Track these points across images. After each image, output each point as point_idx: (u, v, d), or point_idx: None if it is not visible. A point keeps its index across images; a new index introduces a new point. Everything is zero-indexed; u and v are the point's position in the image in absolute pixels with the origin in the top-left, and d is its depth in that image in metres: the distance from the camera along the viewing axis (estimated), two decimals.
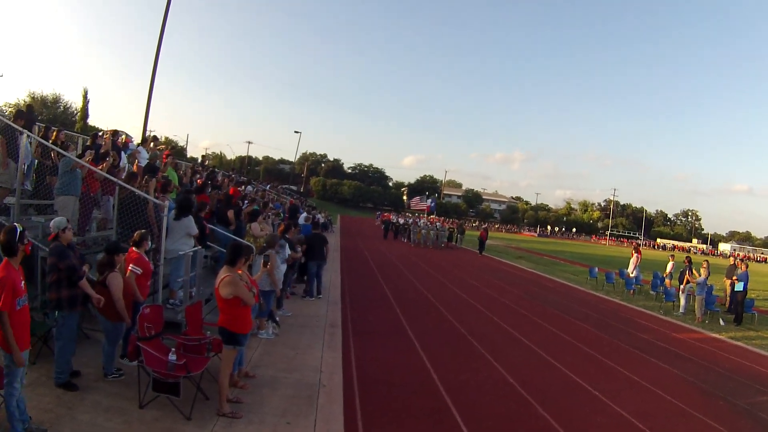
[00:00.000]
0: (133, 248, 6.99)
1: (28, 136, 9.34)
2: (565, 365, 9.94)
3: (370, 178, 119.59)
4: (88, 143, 11.47)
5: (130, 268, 6.74)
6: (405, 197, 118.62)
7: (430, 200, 59.00)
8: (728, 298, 18.40)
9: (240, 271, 6.19)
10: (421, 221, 45.93)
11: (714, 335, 14.49)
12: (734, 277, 17.70)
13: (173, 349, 6.11)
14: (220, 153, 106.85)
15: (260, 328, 9.42)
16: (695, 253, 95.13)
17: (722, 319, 16.60)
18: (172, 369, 5.76)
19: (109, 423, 5.45)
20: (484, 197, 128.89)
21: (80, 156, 9.38)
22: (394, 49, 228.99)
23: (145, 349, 5.86)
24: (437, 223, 45.95)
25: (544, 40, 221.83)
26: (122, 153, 12.10)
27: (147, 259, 7.12)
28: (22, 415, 4.83)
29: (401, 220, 51.06)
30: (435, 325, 12.48)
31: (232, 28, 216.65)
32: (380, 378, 8.25)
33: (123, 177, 10.27)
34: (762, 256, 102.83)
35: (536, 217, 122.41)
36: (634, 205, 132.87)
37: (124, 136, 13.64)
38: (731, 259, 21.62)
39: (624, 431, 7.15)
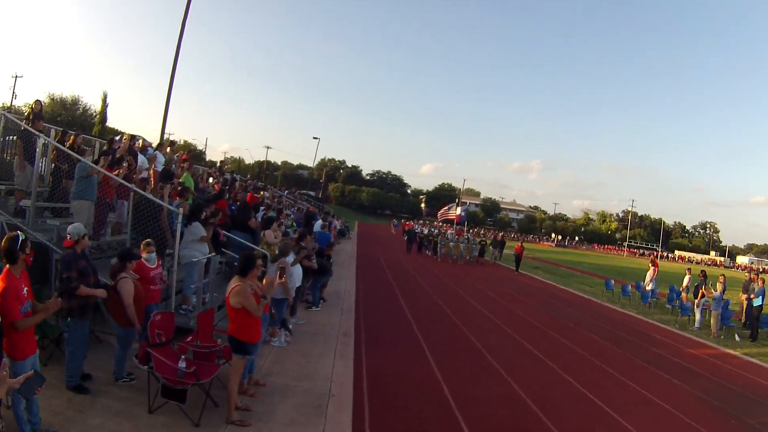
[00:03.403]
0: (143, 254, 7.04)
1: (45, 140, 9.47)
2: (578, 380, 9.83)
3: (389, 186, 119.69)
4: (104, 148, 11.57)
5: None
6: (423, 205, 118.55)
7: (461, 209, 50.70)
8: (744, 314, 18.11)
9: (251, 281, 6.21)
10: (449, 232, 42.08)
11: (729, 351, 14.27)
12: (752, 295, 17.36)
13: (183, 357, 6.12)
14: (239, 158, 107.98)
15: (272, 335, 9.40)
16: (710, 265, 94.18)
17: (738, 335, 16.32)
18: (182, 376, 5.77)
19: (119, 427, 5.47)
20: (502, 206, 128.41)
21: (96, 161, 9.46)
22: (415, 57, 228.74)
23: (155, 356, 5.89)
24: (468, 235, 42.72)
25: (563, 49, 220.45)
26: (139, 156, 12.22)
27: (149, 265, 7.16)
28: (34, 417, 4.87)
29: (425, 230, 45.59)
30: (448, 337, 12.43)
31: (252, 33, 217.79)
32: (390, 389, 8.23)
33: (140, 177, 10.40)
34: None
35: (554, 227, 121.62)
36: (652, 216, 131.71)
37: (141, 141, 13.76)
38: (747, 274, 21.22)
39: None
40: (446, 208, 49.61)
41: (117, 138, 12.66)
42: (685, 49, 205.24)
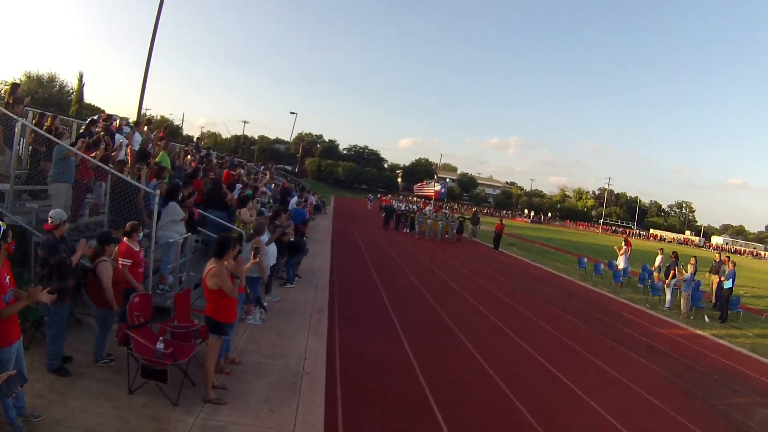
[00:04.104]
0: (124, 239, 7.19)
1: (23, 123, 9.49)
2: (548, 359, 10.22)
3: (366, 160, 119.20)
4: (82, 130, 11.59)
5: (120, 261, 6.95)
6: (400, 180, 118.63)
7: (439, 185, 50.73)
8: (714, 295, 18.63)
9: (227, 263, 6.42)
10: (427, 209, 40.46)
11: (698, 332, 14.76)
12: (722, 277, 17.89)
13: (161, 338, 6.34)
14: (216, 132, 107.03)
15: (247, 313, 9.63)
16: (681, 243, 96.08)
17: (707, 316, 16.84)
18: (160, 357, 6.00)
19: (100, 409, 5.68)
20: (479, 182, 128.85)
21: (74, 144, 9.52)
22: (392, 32, 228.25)
23: (134, 338, 6.10)
24: (445, 211, 41.69)
25: (544, 27, 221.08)
26: (116, 135, 12.24)
27: (136, 249, 7.32)
28: (19, 402, 5.04)
29: (403, 206, 43.93)
30: (421, 315, 12.73)
31: (230, 7, 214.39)
32: (362, 366, 8.54)
33: (119, 156, 10.47)
34: (756, 251, 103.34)
35: (530, 203, 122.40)
36: (628, 195, 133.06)
37: (118, 121, 13.78)
38: (717, 255, 21.75)
39: (599, 429, 7.41)
40: (423, 183, 48.35)
41: (95, 117, 12.65)
42: (665, 33, 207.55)
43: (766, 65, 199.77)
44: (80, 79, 58.11)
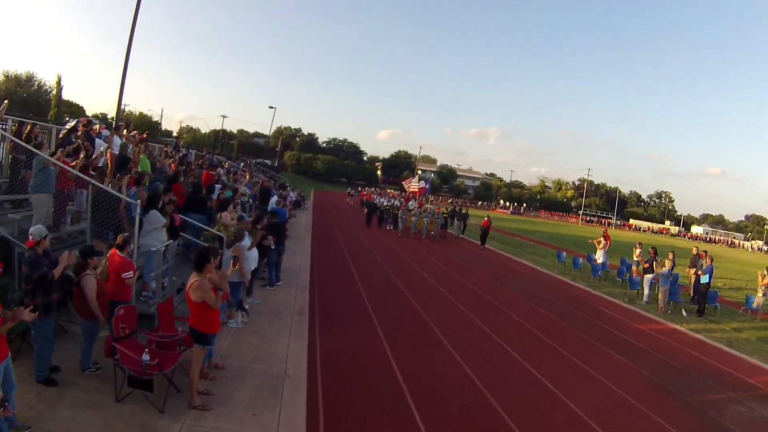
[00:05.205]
0: (117, 252, 7.37)
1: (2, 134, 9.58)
2: (525, 357, 10.48)
3: (345, 153, 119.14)
4: (61, 135, 11.67)
5: (123, 276, 7.18)
6: (380, 172, 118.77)
7: (424, 181, 46.76)
8: (692, 289, 18.96)
9: (209, 275, 6.62)
10: (410, 204, 37.46)
11: (675, 326, 15.06)
12: (699, 271, 18.16)
13: (147, 350, 6.53)
14: (195, 127, 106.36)
15: (229, 317, 9.80)
16: (656, 233, 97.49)
17: (685, 310, 17.11)
18: (146, 368, 6.20)
19: (89, 418, 5.87)
20: (458, 173, 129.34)
21: (53, 153, 9.62)
22: (371, 21, 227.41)
23: (120, 350, 6.29)
24: (430, 206, 39.90)
25: (522, 17, 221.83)
26: (95, 140, 12.32)
27: (130, 260, 7.51)
28: (10, 419, 5.20)
29: (384, 201, 41.80)
30: (399, 313, 12.94)
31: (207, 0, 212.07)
32: (343, 368, 8.77)
33: (99, 163, 10.57)
34: (731, 239, 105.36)
35: (510, 194, 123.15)
36: (608, 185, 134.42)
37: (97, 126, 13.85)
38: (694, 249, 22.11)
39: (575, 429, 7.66)
40: (409, 179, 47.75)
41: (75, 124, 12.69)
42: (645, 19, 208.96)
43: (743, 55, 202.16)
44: (59, 83, 58.23)
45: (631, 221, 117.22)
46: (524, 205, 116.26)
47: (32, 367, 6.54)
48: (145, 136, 15.79)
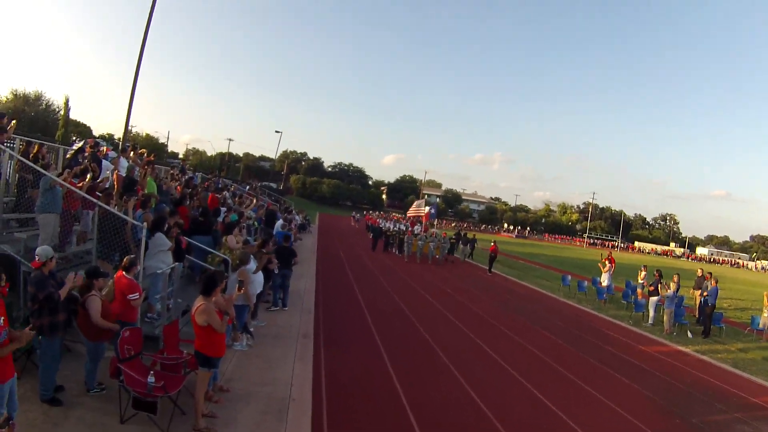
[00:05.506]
0: (123, 273, 7.37)
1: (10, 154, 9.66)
2: (530, 381, 10.37)
3: (350, 177, 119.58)
4: (68, 155, 11.76)
5: (129, 298, 7.19)
6: (384, 196, 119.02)
7: (430, 206, 46.41)
8: (698, 310, 18.79)
9: (215, 299, 6.61)
10: (416, 228, 37.03)
11: (680, 348, 14.95)
12: (705, 293, 18.05)
13: (152, 372, 6.50)
14: (201, 150, 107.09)
15: (235, 340, 9.78)
16: (659, 255, 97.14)
17: (690, 332, 16.99)
18: (151, 390, 6.16)
19: None
20: (463, 198, 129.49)
21: (60, 174, 9.68)
22: (377, 48, 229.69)
23: (125, 371, 6.26)
24: (436, 231, 39.64)
25: (526, 42, 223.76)
26: (102, 162, 12.39)
27: (136, 281, 7.52)
28: None
29: (390, 225, 41.36)
30: (405, 337, 12.84)
31: (215, 24, 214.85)
32: (348, 392, 8.69)
33: (106, 186, 10.63)
34: (734, 260, 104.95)
35: (515, 219, 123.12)
36: (613, 208, 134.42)
37: (104, 148, 13.95)
38: (699, 271, 21.92)
39: None
40: (414, 205, 47.57)
41: (82, 145, 12.80)
42: (646, 43, 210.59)
43: (746, 76, 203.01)
44: (66, 103, 58.95)
45: (636, 243, 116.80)
46: (528, 228, 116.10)
47: (37, 385, 6.51)
48: (152, 158, 15.90)
